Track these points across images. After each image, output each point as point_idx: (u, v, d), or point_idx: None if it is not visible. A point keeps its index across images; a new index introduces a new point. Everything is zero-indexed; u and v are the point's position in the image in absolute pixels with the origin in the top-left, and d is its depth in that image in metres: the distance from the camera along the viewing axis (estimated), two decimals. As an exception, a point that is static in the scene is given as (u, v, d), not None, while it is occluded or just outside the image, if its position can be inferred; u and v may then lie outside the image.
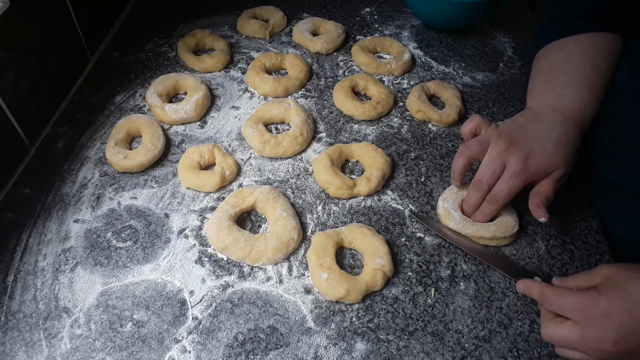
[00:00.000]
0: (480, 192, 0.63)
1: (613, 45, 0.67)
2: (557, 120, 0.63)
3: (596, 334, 0.47)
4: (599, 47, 0.67)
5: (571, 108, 0.64)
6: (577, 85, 0.65)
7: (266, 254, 0.61)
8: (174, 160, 0.74)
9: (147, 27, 0.99)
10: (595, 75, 0.65)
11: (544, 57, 0.71)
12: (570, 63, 0.67)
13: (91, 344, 0.54)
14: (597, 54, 0.66)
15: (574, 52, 0.68)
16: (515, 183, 0.60)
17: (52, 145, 0.75)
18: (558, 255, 0.65)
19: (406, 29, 1.02)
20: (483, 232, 0.63)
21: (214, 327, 0.56)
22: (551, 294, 0.52)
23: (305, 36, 0.95)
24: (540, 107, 0.66)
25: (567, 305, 0.50)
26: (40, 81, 0.75)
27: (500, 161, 0.61)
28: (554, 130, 0.62)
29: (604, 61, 0.66)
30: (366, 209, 0.69)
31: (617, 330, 0.46)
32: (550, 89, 0.67)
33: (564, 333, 0.49)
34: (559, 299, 0.51)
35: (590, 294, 0.49)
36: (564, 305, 0.50)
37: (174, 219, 0.66)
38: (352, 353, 0.55)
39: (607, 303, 0.47)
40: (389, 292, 0.60)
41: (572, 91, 0.65)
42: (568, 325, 0.49)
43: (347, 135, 0.79)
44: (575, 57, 0.67)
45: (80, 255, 0.62)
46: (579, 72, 0.66)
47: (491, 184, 0.62)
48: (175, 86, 0.83)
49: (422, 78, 0.90)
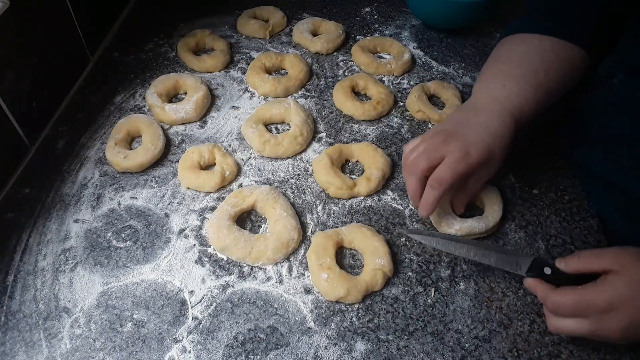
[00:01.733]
0: (414, 175, 0.60)
1: (573, 57, 0.67)
2: (495, 112, 0.63)
3: (606, 326, 0.48)
4: (558, 53, 0.67)
5: (512, 101, 0.64)
6: (524, 81, 0.65)
7: (266, 254, 0.61)
8: (174, 160, 0.74)
9: (147, 27, 0.99)
10: (545, 78, 0.65)
11: (506, 44, 0.71)
12: (526, 58, 0.67)
13: (91, 344, 0.54)
14: (554, 59, 0.66)
15: (534, 49, 0.68)
16: (459, 168, 0.58)
17: (52, 145, 0.75)
18: (558, 255, 0.65)
19: (406, 29, 1.02)
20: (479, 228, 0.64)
21: (214, 327, 0.56)
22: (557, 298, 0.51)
23: (305, 36, 0.95)
24: (482, 97, 0.66)
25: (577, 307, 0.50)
26: (40, 81, 0.75)
27: (439, 153, 0.59)
28: (492, 122, 0.62)
29: (558, 68, 0.66)
30: (366, 209, 0.69)
31: (626, 321, 0.47)
32: (499, 79, 0.67)
33: (573, 326, 0.50)
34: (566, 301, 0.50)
35: (600, 289, 0.49)
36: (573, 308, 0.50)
37: (174, 219, 0.66)
38: (352, 353, 0.55)
39: (617, 297, 0.47)
40: (389, 292, 0.60)
41: (518, 85, 0.65)
42: (577, 319, 0.50)
43: (347, 135, 0.79)
44: (532, 55, 0.67)
45: (80, 255, 0.62)
46: (530, 69, 0.66)
47: (425, 167, 0.59)
48: (175, 86, 0.83)
49: (422, 78, 0.90)
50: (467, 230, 0.64)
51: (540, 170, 0.75)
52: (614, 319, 0.47)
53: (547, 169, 0.75)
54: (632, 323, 0.47)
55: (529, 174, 0.74)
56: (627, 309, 0.47)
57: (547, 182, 0.74)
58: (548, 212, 0.70)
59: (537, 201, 0.71)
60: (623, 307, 0.47)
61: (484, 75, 0.70)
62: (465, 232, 0.64)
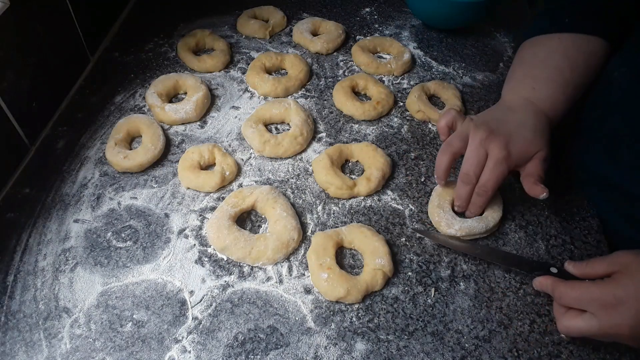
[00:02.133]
0: (470, 184, 0.63)
1: (595, 48, 0.68)
2: (531, 111, 0.66)
3: (614, 322, 0.48)
4: (580, 48, 0.68)
5: (544, 102, 0.66)
6: (552, 82, 0.67)
7: (266, 254, 0.61)
8: (174, 160, 0.74)
9: (147, 27, 0.99)
10: (571, 75, 0.67)
11: (527, 49, 0.73)
12: (550, 59, 0.68)
13: (91, 344, 0.54)
14: (577, 55, 0.68)
15: (556, 49, 0.69)
16: (500, 170, 0.61)
17: (52, 145, 0.75)
18: (558, 255, 0.65)
19: (406, 29, 1.02)
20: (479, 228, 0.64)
21: (214, 327, 0.56)
22: (565, 288, 0.52)
23: (305, 36, 0.95)
24: (514, 99, 0.68)
25: (583, 298, 0.50)
26: (40, 81, 0.75)
27: (483, 150, 0.61)
28: (529, 119, 0.64)
29: (582, 63, 0.67)
30: (366, 209, 0.69)
31: (634, 317, 0.47)
32: (527, 82, 0.69)
33: (582, 325, 0.50)
34: (573, 292, 0.51)
35: (605, 283, 0.50)
36: (579, 298, 0.51)
37: (174, 219, 0.66)
38: (352, 353, 0.55)
39: (623, 291, 0.48)
40: (389, 292, 0.60)
41: (547, 87, 0.67)
42: (585, 317, 0.50)
43: (347, 135, 0.79)
44: (556, 55, 0.68)
45: (80, 255, 0.62)
46: (556, 69, 0.67)
47: (478, 174, 0.62)
48: (175, 86, 0.83)
49: (422, 78, 0.90)
50: (466, 231, 0.64)
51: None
52: (622, 314, 0.48)
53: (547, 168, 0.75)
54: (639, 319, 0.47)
55: (529, 174, 0.74)
56: (633, 304, 0.47)
57: (547, 182, 0.73)
58: (548, 212, 0.70)
59: (537, 201, 0.71)
60: (630, 302, 0.47)
61: (512, 79, 0.71)
62: (464, 233, 0.64)
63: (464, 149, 0.63)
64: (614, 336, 0.49)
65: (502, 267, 0.63)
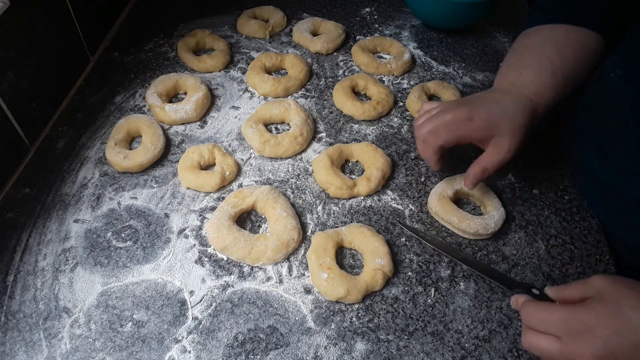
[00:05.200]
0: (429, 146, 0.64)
1: (586, 41, 0.68)
2: (511, 93, 0.65)
3: (578, 349, 0.44)
4: (571, 39, 0.68)
5: (528, 85, 0.65)
6: (540, 67, 0.66)
7: (266, 254, 0.61)
8: (174, 160, 0.74)
9: (147, 27, 0.99)
10: (561, 63, 0.66)
11: (520, 40, 0.73)
12: (540, 48, 0.68)
13: (91, 344, 0.54)
14: (567, 45, 0.67)
15: (546, 38, 0.69)
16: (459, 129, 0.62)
17: (52, 145, 0.75)
18: (558, 255, 0.65)
19: (406, 29, 1.02)
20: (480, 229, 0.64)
21: (214, 327, 0.56)
22: (532, 309, 0.49)
23: (305, 36, 0.95)
24: (500, 83, 0.69)
25: (548, 321, 0.47)
26: (40, 81, 0.75)
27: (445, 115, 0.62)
28: (505, 100, 0.64)
29: (572, 54, 0.67)
30: (366, 209, 0.69)
31: (601, 348, 0.43)
32: (514, 68, 0.69)
33: (544, 345, 0.47)
34: (538, 313, 0.48)
35: (575, 308, 0.46)
36: (544, 320, 0.47)
37: (174, 219, 0.66)
38: (352, 353, 0.55)
39: (594, 318, 0.44)
40: (389, 292, 0.60)
41: (534, 71, 0.66)
42: (549, 338, 0.46)
43: (347, 135, 0.79)
44: (546, 43, 0.68)
45: (80, 255, 0.62)
46: (545, 57, 0.67)
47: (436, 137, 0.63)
48: (175, 86, 0.83)
49: (422, 78, 0.90)
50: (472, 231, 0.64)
51: (540, 170, 0.75)
52: (588, 343, 0.43)
53: (547, 169, 0.75)
54: (608, 351, 0.43)
55: (529, 174, 0.74)
56: (604, 333, 0.43)
57: (547, 182, 0.74)
58: (548, 212, 0.70)
59: (537, 201, 0.71)
60: (599, 331, 0.43)
61: (502, 67, 0.71)
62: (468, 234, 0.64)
63: None
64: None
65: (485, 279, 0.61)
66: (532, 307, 0.49)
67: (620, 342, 0.43)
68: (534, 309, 0.49)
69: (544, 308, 0.48)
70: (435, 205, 0.66)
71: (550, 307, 0.48)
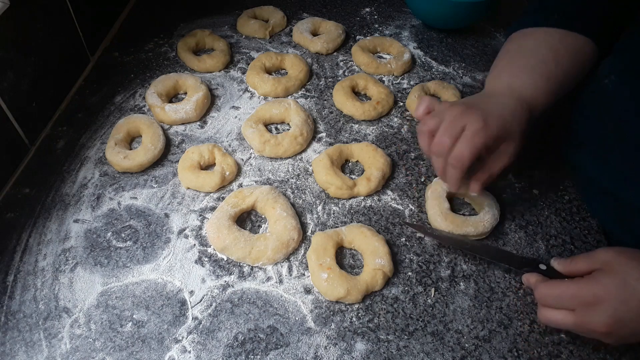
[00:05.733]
0: (442, 156, 0.60)
1: (581, 48, 0.68)
2: (510, 96, 0.64)
3: (590, 319, 0.49)
4: (566, 44, 0.68)
5: (525, 90, 0.65)
6: (535, 72, 0.66)
7: (266, 254, 0.61)
8: (174, 160, 0.74)
9: (147, 27, 0.99)
10: (555, 69, 0.66)
11: (514, 40, 0.72)
12: (535, 51, 0.68)
13: (91, 344, 0.54)
14: (562, 50, 0.67)
15: (542, 42, 0.68)
16: (477, 141, 0.57)
17: (52, 145, 0.75)
18: (558, 255, 0.65)
19: (406, 29, 1.02)
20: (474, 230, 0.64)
21: (214, 327, 0.56)
22: (546, 289, 0.53)
23: (305, 36, 0.95)
24: (495, 86, 0.68)
25: (563, 297, 0.51)
26: (40, 81, 0.75)
27: (459, 124, 0.58)
28: (509, 103, 0.62)
29: (567, 59, 0.67)
30: (366, 209, 0.69)
31: (611, 316, 0.48)
32: (509, 70, 0.68)
33: (560, 318, 0.51)
34: (553, 291, 0.52)
35: (585, 282, 0.51)
36: (559, 298, 0.52)
37: (174, 219, 0.66)
38: (352, 353, 0.55)
39: (602, 290, 0.48)
40: (389, 292, 0.60)
41: (529, 76, 0.66)
42: (564, 312, 0.51)
43: (347, 135, 0.79)
44: (541, 47, 0.68)
45: (80, 255, 0.62)
46: (540, 61, 0.67)
47: (450, 145, 0.58)
48: (175, 86, 0.83)
49: (422, 78, 0.90)
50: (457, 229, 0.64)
51: (540, 170, 0.75)
52: (599, 312, 0.48)
53: (547, 169, 0.75)
54: (617, 319, 0.48)
55: (529, 174, 0.74)
56: (612, 303, 0.48)
57: (547, 182, 0.74)
58: (548, 212, 0.70)
59: (537, 201, 0.71)
60: (608, 301, 0.48)
61: (496, 68, 0.71)
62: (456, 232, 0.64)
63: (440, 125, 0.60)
64: (589, 332, 0.50)
65: (494, 264, 0.63)
66: (545, 287, 0.53)
67: (627, 310, 0.48)
68: (547, 288, 0.53)
69: (557, 286, 0.52)
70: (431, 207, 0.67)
71: (561, 284, 0.52)
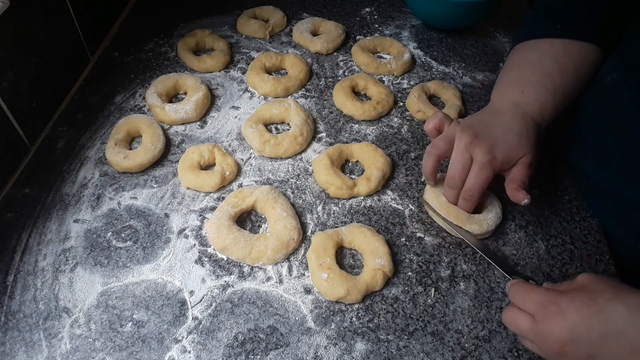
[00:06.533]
0: (455, 189, 0.63)
1: (587, 55, 0.68)
2: (517, 115, 0.65)
3: (547, 329, 0.46)
4: (571, 54, 0.68)
5: (532, 106, 0.66)
6: (541, 86, 0.67)
7: (266, 254, 0.61)
8: (174, 160, 0.74)
9: (147, 27, 0.99)
10: (561, 81, 0.67)
11: (518, 52, 0.73)
12: (540, 64, 0.68)
13: (91, 344, 0.54)
14: (567, 61, 0.67)
15: (546, 54, 0.69)
16: (485, 174, 0.61)
17: (52, 145, 0.75)
18: (558, 255, 0.65)
19: (406, 29, 1.02)
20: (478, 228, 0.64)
21: (214, 327, 0.56)
22: (517, 287, 0.52)
23: (305, 36, 0.95)
24: (502, 102, 0.68)
25: (528, 299, 0.50)
26: (40, 81, 0.75)
27: (468, 154, 0.62)
28: (515, 123, 0.64)
29: (572, 70, 0.67)
30: (366, 209, 0.69)
31: (569, 330, 0.45)
32: (515, 86, 0.69)
33: (519, 321, 0.49)
34: (522, 291, 0.51)
35: (554, 292, 0.49)
36: (526, 299, 0.50)
37: (174, 219, 0.66)
38: (352, 353, 0.55)
39: (567, 302, 0.46)
40: (389, 292, 0.60)
41: (535, 91, 0.67)
42: (526, 315, 0.49)
43: (347, 135, 0.79)
44: (546, 60, 0.68)
45: (80, 255, 0.62)
46: (546, 74, 0.67)
47: (463, 178, 0.62)
48: (175, 86, 0.83)
49: (422, 78, 0.90)
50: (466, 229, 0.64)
51: (540, 171, 0.75)
52: (558, 323, 0.46)
53: (547, 169, 0.75)
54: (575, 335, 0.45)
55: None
56: (573, 317, 0.45)
57: (547, 182, 0.74)
58: (548, 212, 0.70)
59: (537, 201, 0.71)
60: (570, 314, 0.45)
61: (501, 83, 0.71)
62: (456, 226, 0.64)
63: (449, 151, 0.63)
64: (542, 344, 0.47)
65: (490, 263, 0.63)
66: (517, 285, 0.52)
67: (588, 329, 0.44)
68: (519, 286, 0.52)
69: (527, 287, 0.51)
70: (432, 201, 0.66)
71: (532, 287, 0.51)
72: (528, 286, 0.51)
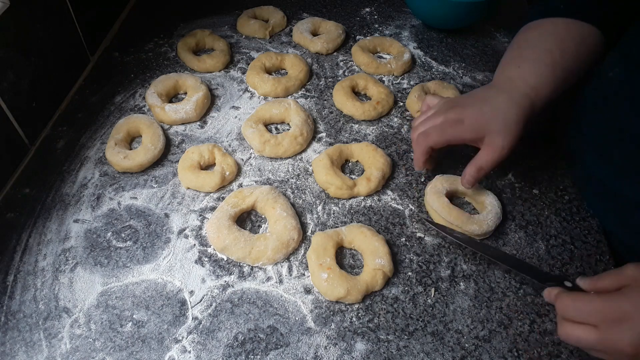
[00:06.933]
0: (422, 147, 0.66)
1: (587, 36, 0.68)
2: (506, 89, 0.65)
3: (616, 336, 0.45)
4: (572, 34, 0.67)
5: (526, 80, 0.65)
6: (539, 61, 0.66)
7: (266, 254, 0.61)
8: (174, 160, 0.74)
9: (147, 27, 0.99)
10: (561, 57, 0.66)
11: (521, 34, 0.73)
12: (540, 42, 0.68)
13: (91, 344, 0.54)
14: (568, 39, 0.67)
15: (548, 32, 0.69)
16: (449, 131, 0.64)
17: (52, 145, 0.75)
18: (558, 255, 0.65)
19: (406, 29, 1.02)
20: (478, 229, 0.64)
21: (214, 327, 0.56)
22: (568, 300, 0.49)
23: (305, 36, 0.95)
24: (498, 78, 0.69)
25: (585, 310, 0.48)
26: (40, 81, 0.75)
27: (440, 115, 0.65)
28: (497, 97, 0.65)
29: (573, 48, 0.67)
30: (366, 209, 0.69)
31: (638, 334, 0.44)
32: (514, 62, 0.69)
33: (582, 334, 0.47)
34: (575, 304, 0.48)
35: (611, 296, 0.47)
36: (581, 310, 0.48)
37: (174, 219, 0.66)
38: (352, 353, 0.55)
39: (631, 306, 0.45)
40: (389, 292, 0.60)
41: (533, 65, 0.66)
42: (586, 328, 0.47)
43: (347, 135, 0.79)
44: (547, 37, 0.68)
45: (80, 255, 0.62)
46: (545, 50, 0.67)
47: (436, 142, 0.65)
48: (175, 86, 0.83)
49: (422, 78, 0.90)
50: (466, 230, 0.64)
51: (540, 170, 0.75)
52: (626, 330, 0.44)
53: (547, 169, 0.75)
54: None
55: (529, 174, 0.74)
56: None
57: (547, 182, 0.74)
58: (548, 212, 0.70)
59: (537, 201, 0.71)
60: (637, 317, 0.44)
61: (502, 61, 0.72)
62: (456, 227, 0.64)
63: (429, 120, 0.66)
64: (612, 352, 0.46)
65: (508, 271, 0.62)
66: (567, 298, 0.49)
67: None
68: (570, 299, 0.49)
69: (580, 298, 0.49)
70: (434, 202, 0.66)
71: (585, 296, 0.49)
72: (578, 296, 0.49)
